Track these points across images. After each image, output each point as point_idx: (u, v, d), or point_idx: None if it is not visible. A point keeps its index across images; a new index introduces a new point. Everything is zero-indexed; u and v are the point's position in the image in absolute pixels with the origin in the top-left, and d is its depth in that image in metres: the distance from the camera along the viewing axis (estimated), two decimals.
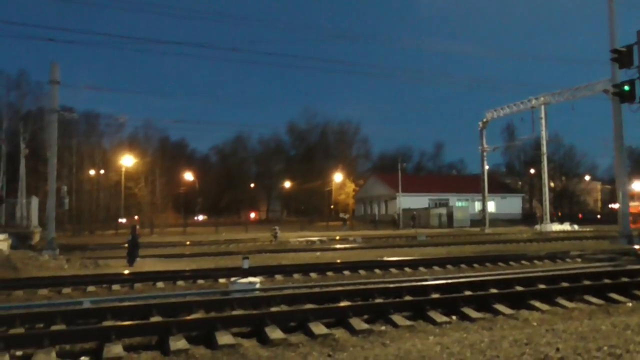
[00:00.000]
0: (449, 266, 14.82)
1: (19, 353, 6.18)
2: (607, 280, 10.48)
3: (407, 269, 14.31)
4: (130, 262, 16.73)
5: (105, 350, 6.06)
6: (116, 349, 6.13)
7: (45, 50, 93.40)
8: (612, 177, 32.50)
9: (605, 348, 6.01)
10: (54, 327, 7.18)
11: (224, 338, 6.50)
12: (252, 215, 76.71)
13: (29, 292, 11.07)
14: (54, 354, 5.98)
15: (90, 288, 11.67)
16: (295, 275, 13.27)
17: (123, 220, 53.64)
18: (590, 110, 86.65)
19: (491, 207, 55.00)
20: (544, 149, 43.05)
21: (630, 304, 8.77)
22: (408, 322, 7.45)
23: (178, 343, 6.30)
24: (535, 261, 16.04)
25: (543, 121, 40.53)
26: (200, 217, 77.39)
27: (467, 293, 9.24)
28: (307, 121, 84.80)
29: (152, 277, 12.79)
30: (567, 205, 77.07)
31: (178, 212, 66.42)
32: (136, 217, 53.34)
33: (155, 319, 7.58)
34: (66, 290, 11.43)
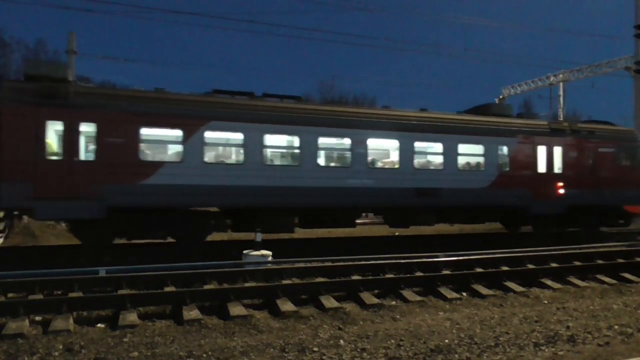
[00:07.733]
0: (461, 242, 14.81)
1: (37, 318, 6.34)
2: (620, 260, 10.43)
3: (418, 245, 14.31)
4: None
5: (120, 318, 6.19)
6: (131, 316, 6.26)
7: (63, 20, 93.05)
8: None
9: (616, 327, 6.02)
10: (72, 294, 7.32)
11: (236, 309, 6.61)
12: None
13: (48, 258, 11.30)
14: (71, 320, 6.12)
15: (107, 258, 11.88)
16: (308, 249, 13.35)
17: None
18: (611, 87, 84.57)
19: None
20: None
21: None
22: (418, 298, 7.50)
23: (191, 313, 6.42)
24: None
25: (561, 98, 39.81)
26: None
27: (478, 270, 9.25)
28: (322, 95, 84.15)
29: (165, 247, 12.96)
30: None
31: None
32: None
33: (169, 288, 7.72)
34: (82, 258, 11.64)
